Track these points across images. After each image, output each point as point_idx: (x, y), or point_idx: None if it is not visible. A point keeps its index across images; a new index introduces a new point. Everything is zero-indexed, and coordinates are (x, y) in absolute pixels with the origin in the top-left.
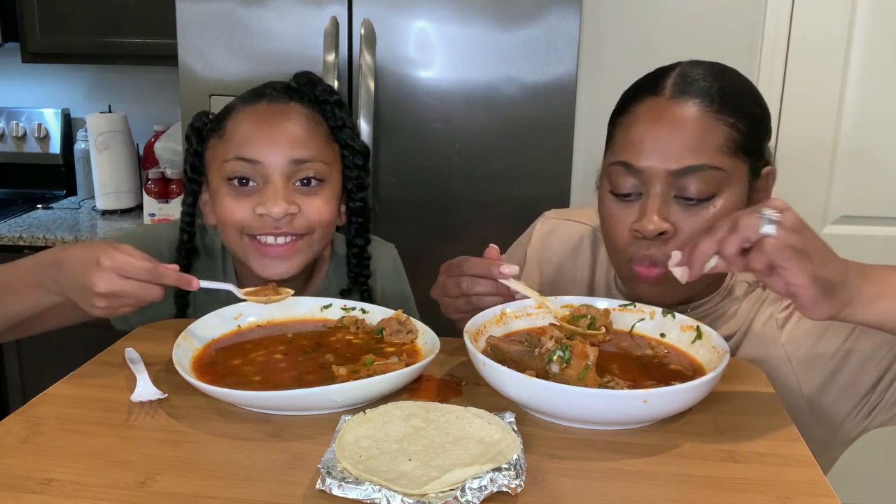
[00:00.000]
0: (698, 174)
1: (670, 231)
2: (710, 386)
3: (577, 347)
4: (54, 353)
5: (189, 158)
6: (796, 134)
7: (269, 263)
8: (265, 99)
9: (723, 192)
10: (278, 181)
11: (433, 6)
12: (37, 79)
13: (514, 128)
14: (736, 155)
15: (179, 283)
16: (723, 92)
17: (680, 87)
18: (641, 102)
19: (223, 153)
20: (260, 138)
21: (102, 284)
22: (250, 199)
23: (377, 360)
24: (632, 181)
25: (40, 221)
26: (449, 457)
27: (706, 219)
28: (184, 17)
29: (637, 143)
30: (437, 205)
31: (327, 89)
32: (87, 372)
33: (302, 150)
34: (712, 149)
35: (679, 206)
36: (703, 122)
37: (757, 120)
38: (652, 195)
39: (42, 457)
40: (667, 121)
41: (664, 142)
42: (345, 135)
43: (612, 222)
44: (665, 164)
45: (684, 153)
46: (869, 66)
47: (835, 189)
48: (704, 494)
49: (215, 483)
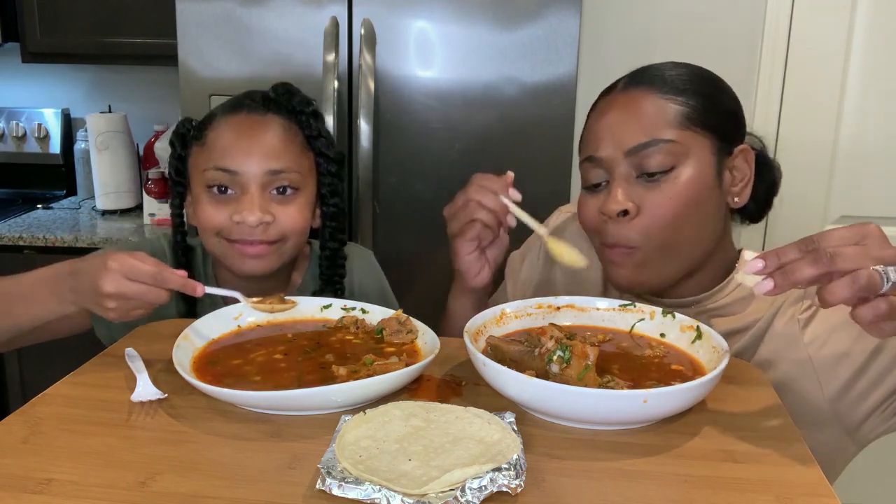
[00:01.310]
0: (652, 149)
1: (632, 209)
2: (710, 386)
3: (577, 347)
4: (54, 353)
5: (173, 163)
6: (796, 134)
7: (245, 262)
8: (244, 110)
9: (683, 165)
10: (255, 191)
11: (433, 6)
12: (37, 79)
13: (514, 128)
14: (689, 129)
15: (185, 288)
16: (673, 78)
17: (630, 80)
18: (599, 102)
19: (203, 162)
20: (238, 150)
21: (109, 285)
22: (228, 206)
23: (377, 360)
24: (597, 172)
25: (40, 221)
26: (449, 457)
27: (669, 193)
28: (184, 17)
29: (594, 135)
30: (437, 205)
31: (304, 100)
32: (87, 372)
33: (277, 161)
34: (662, 124)
35: (642, 185)
36: (651, 103)
37: (711, 98)
38: (615, 178)
39: (42, 457)
40: (617, 108)
41: (616, 126)
42: (320, 143)
43: (583, 211)
44: (620, 146)
45: (636, 132)
46: (869, 66)
47: (835, 189)
48: (704, 494)
49: (215, 483)
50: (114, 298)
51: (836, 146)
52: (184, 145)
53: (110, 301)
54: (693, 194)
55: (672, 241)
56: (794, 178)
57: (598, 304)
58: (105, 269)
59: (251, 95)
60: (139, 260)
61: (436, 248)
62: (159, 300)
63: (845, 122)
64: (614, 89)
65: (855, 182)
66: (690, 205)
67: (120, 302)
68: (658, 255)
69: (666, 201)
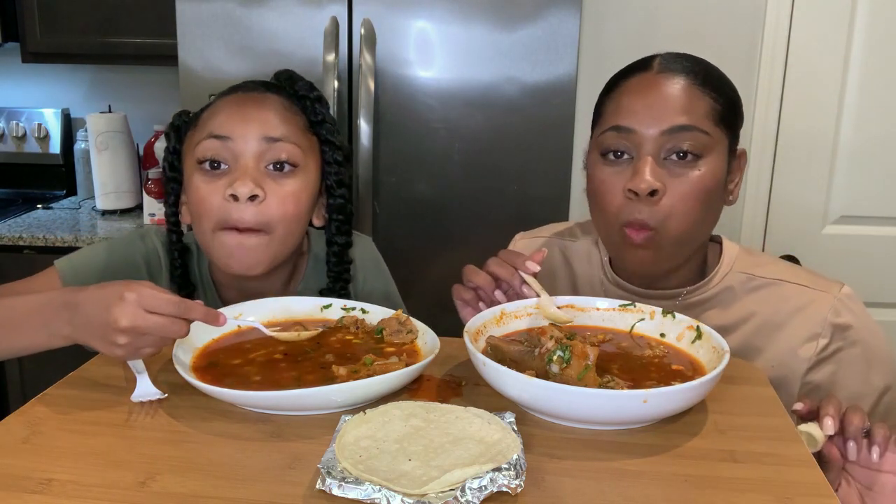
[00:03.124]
0: (688, 133)
1: (661, 189)
2: (710, 386)
3: (577, 347)
4: (54, 353)
5: (168, 157)
6: (796, 134)
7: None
8: (241, 90)
9: (708, 157)
10: (248, 161)
11: (433, 6)
12: (37, 79)
13: (514, 128)
14: (718, 125)
15: (206, 318)
16: (705, 71)
17: (667, 64)
18: (631, 78)
19: (197, 138)
20: (233, 117)
21: (126, 319)
22: (221, 182)
23: (377, 360)
24: (623, 143)
25: (40, 221)
26: (449, 457)
27: (693, 181)
28: (184, 17)
29: (629, 107)
30: (437, 205)
31: (307, 85)
32: (87, 372)
33: (275, 129)
34: (700, 114)
35: (667, 167)
36: (689, 92)
37: (733, 101)
38: (643, 155)
39: (42, 457)
40: (657, 88)
41: (654, 106)
42: (325, 129)
43: (604, 188)
44: (657, 125)
45: (675, 114)
46: (869, 65)
47: (835, 189)
48: (704, 494)
49: (215, 483)
50: (127, 334)
51: (836, 146)
52: (178, 138)
53: (123, 337)
54: (710, 187)
55: (685, 229)
56: (794, 177)
57: (598, 304)
58: (120, 301)
59: (251, 81)
60: (155, 289)
61: (436, 247)
62: (179, 334)
63: (845, 121)
64: (648, 68)
65: (855, 182)
66: (707, 197)
67: (133, 338)
68: (671, 242)
69: (689, 188)
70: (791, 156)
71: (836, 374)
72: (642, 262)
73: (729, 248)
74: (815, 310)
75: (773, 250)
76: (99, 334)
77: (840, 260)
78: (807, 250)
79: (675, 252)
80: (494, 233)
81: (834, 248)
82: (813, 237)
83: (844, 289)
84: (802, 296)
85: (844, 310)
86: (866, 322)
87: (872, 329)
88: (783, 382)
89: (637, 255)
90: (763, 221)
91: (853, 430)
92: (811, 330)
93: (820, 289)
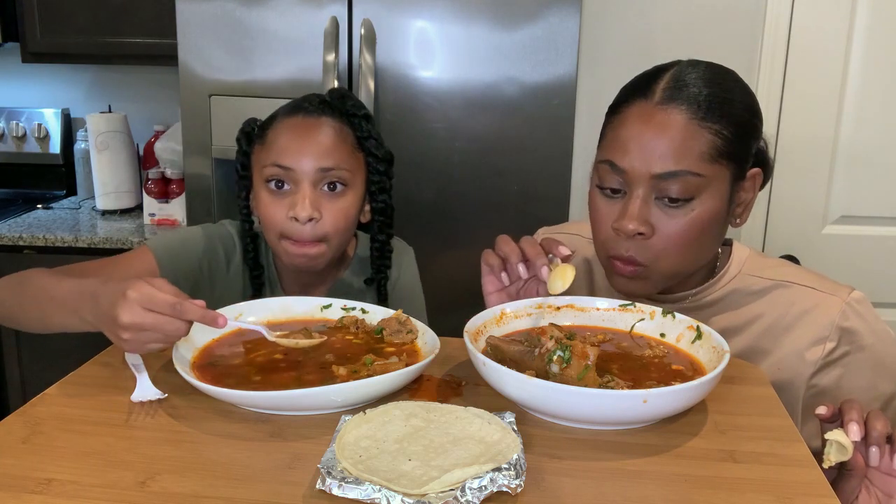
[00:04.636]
0: (679, 179)
1: (647, 232)
2: (710, 386)
3: (577, 347)
4: (54, 353)
5: (239, 158)
6: (796, 134)
7: (296, 259)
8: (301, 112)
9: (701, 196)
10: (307, 188)
11: (433, 6)
12: (37, 79)
13: (514, 128)
14: (717, 161)
15: (204, 319)
16: (711, 98)
17: (669, 92)
18: (631, 105)
19: (264, 159)
20: (293, 149)
21: (126, 316)
22: (284, 201)
23: (377, 360)
24: (617, 179)
25: (40, 221)
26: (449, 457)
27: (684, 222)
28: (184, 17)
29: (623, 144)
30: (437, 205)
31: (357, 104)
32: (87, 372)
33: (328, 159)
34: (694, 155)
35: (659, 207)
36: (687, 129)
37: (744, 126)
38: (633, 196)
39: (42, 457)
40: (653, 125)
41: (648, 146)
42: (370, 145)
43: (597, 217)
44: (648, 168)
45: (667, 158)
46: (869, 66)
47: (835, 189)
48: (704, 494)
49: (215, 483)
50: (129, 329)
51: (836, 146)
52: (248, 142)
53: (126, 332)
54: (706, 224)
55: (677, 264)
56: (794, 177)
57: (598, 304)
58: (123, 299)
59: (309, 99)
60: (158, 289)
61: (436, 248)
62: (178, 333)
63: (845, 122)
64: (649, 95)
65: (855, 182)
66: (702, 233)
67: (135, 333)
68: (663, 273)
69: (680, 229)
70: (791, 156)
71: (842, 378)
72: (629, 290)
73: (739, 251)
74: (823, 313)
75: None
76: (107, 327)
77: (840, 260)
78: (807, 250)
79: (668, 282)
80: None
81: (834, 248)
82: (813, 237)
83: (855, 293)
84: (810, 298)
85: (853, 314)
86: (876, 327)
87: (882, 335)
88: (789, 385)
89: (626, 285)
90: (763, 221)
91: (876, 436)
92: (818, 333)
93: (829, 292)
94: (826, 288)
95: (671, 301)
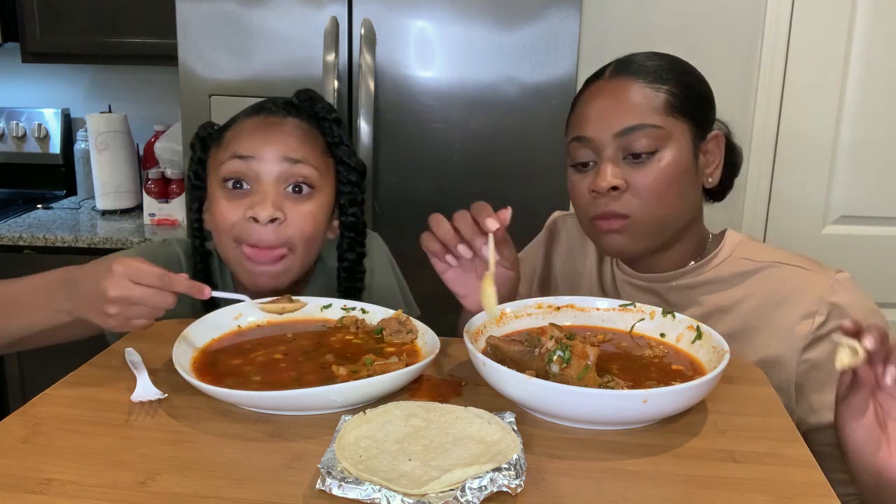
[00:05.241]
0: (639, 132)
1: (622, 185)
2: (710, 386)
3: (577, 347)
4: (54, 353)
5: (192, 166)
6: (796, 134)
7: (256, 275)
8: (264, 112)
9: (666, 148)
10: (269, 184)
11: (433, 6)
12: (37, 79)
13: (514, 128)
14: (672, 115)
15: (191, 290)
16: (657, 68)
17: (617, 68)
18: (588, 88)
19: (221, 157)
20: (255, 138)
21: (114, 290)
22: (243, 202)
23: (377, 360)
24: (585, 152)
25: (40, 221)
26: (449, 457)
27: (654, 172)
28: (184, 17)
29: (584, 117)
30: (437, 205)
31: (326, 107)
32: (87, 372)
33: (295, 151)
34: (650, 109)
35: (629, 165)
36: (637, 90)
37: (693, 87)
38: (603, 159)
39: (42, 457)
40: (606, 94)
41: (605, 110)
42: (341, 151)
43: (575, 191)
44: (609, 129)
45: (624, 116)
46: (869, 65)
47: (835, 189)
48: (704, 494)
49: (215, 483)
50: (117, 303)
51: (835, 146)
52: (203, 148)
53: (113, 307)
54: (675, 174)
55: (659, 213)
56: (794, 177)
57: (598, 304)
58: (110, 273)
59: (273, 100)
60: (144, 263)
61: None
62: (165, 304)
63: (845, 121)
64: (601, 77)
65: (855, 182)
66: (672, 183)
67: (122, 308)
68: (647, 224)
69: (651, 180)
70: (791, 156)
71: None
72: (620, 246)
73: (732, 236)
74: (812, 289)
75: None
76: (92, 306)
77: (840, 260)
78: (806, 250)
79: (653, 235)
80: None
81: (834, 248)
82: (813, 237)
83: (842, 273)
84: (800, 277)
85: (841, 290)
86: (864, 303)
87: (871, 310)
88: (781, 361)
89: (612, 241)
90: (763, 221)
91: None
92: (807, 308)
93: (817, 271)
94: (814, 268)
95: (663, 280)
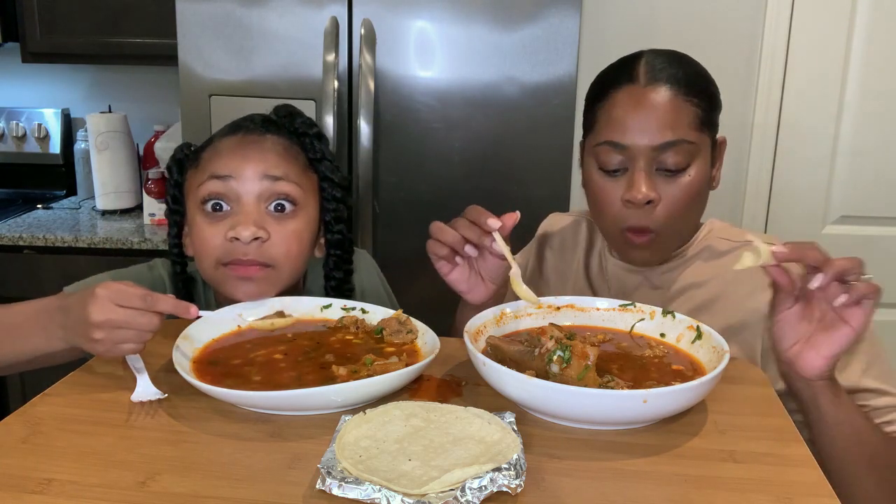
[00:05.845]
0: (675, 148)
1: (656, 199)
2: (710, 386)
3: (577, 347)
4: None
5: (170, 190)
6: (796, 134)
7: (240, 287)
8: (241, 131)
9: (694, 163)
10: (250, 202)
11: (433, 6)
12: (37, 79)
13: (514, 128)
14: (701, 130)
15: (177, 310)
16: (687, 77)
17: (652, 74)
18: (619, 89)
19: (199, 178)
20: (234, 156)
21: (97, 314)
22: (223, 223)
23: (377, 360)
24: (618, 158)
25: (40, 221)
26: (449, 457)
27: (683, 187)
28: (184, 17)
29: (621, 123)
30: (436, 205)
31: (307, 122)
32: (86, 372)
33: (276, 168)
34: (685, 125)
35: (660, 177)
36: (675, 104)
37: (713, 98)
38: (637, 169)
39: (42, 457)
40: (646, 104)
41: (645, 122)
42: (324, 167)
43: (602, 196)
44: (648, 141)
45: (664, 131)
46: (869, 65)
47: (835, 189)
48: (704, 494)
49: (215, 483)
50: (101, 328)
51: (835, 146)
52: (180, 171)
53: (98, 331)
54: (700, 187)
55: (681, 226)
56: (794, 177)
57: (598, 304)
58: (93, 297)
59: (251, 118)
60: (128, 286)
61: None
62: (150, 325)
63: (845, 121)
64: (635, 81)
65: (855, 182)
66: (697, 196)
67: (107, 332)
68: (672, 238)
69: (681, 194)
70: (791, 156)
71: None
72: (645, 258)
73: (713, 221)
74: None
75: None
76: (80, 332)
77: None
78: None
79: (673, 245)
80: None
81: (834, 248)
82: (813, 237)
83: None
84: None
85: None
86: None
87: None
88: (747, 325)
89: (640, 254)
90: (763, 221)
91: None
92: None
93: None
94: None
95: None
